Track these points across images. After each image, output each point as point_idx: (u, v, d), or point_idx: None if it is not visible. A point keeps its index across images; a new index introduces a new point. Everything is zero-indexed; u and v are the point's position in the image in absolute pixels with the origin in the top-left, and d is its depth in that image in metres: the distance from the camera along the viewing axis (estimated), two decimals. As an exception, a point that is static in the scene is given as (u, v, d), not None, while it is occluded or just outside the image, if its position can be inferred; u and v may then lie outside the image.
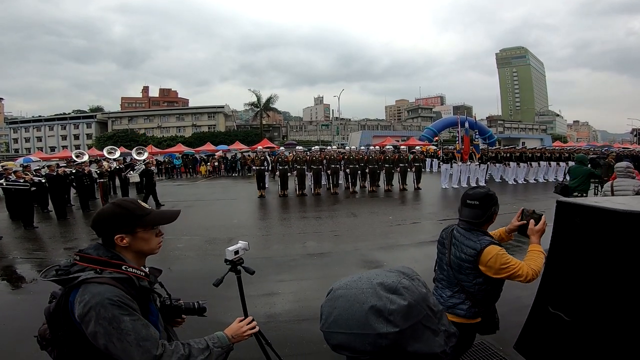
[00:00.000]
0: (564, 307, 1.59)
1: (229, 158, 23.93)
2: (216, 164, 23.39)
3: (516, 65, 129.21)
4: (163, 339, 1.20)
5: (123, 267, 1.21)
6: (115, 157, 15.86)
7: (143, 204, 1.35)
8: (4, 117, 74.08)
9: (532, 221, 1.93)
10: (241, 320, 1.43)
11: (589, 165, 7.38)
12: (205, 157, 25.57)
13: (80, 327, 1.12)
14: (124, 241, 1.25)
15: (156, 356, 1.11)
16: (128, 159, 17.04)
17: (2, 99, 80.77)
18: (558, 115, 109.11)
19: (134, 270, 1.23)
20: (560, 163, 16.01)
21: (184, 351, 1.17)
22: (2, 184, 8.76)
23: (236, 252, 1.82)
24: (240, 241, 1.88)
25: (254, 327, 1.45)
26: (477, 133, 16.02)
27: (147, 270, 1.33)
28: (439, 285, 2.13)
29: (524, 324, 2.02)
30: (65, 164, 13.44)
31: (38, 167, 13.66)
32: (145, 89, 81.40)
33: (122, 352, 1.09)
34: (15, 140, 60.41)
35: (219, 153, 26.05)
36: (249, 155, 21.39)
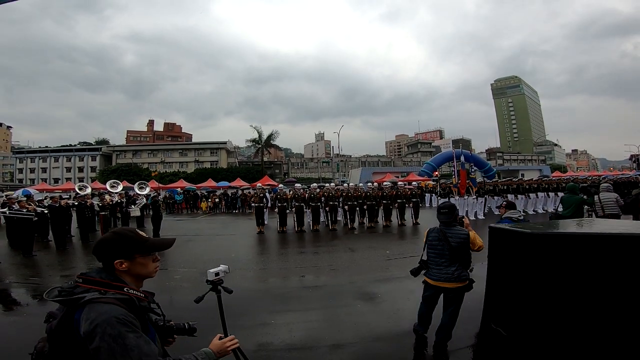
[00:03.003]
0: (503, 322, 1.71)
1: (230, 195, 24.15)
2: (217, 200, 23.58)
3: (511, 95, 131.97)
4: (160, 356, 1.33)
5: (125, 289, 1.34)
6: (117, 191, 16.07)
7: (141, 232, 1.51)
8: (11, 146, 75.51)
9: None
10: (221, 337, 1.59)
11: (582, 194, 7.57)
12: (206, 193, 25.80)
13: (83, 343, 1.22)
14: (123, 266, 1.39)
15: None
16: (130, 193, 17.27)
17: (10, 127, 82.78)
18: (556, 145, 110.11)
19: (134, 292, 1.37)
20: (559, 193, 15.87)
21: None
22: (4, 212, 8.93)
23: (217, 274, 2.05)
24: (221, 264, 2.10)
25: (235, 343, 1.60)
26: (473, 166, 16.26)
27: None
28: (442, 266, 3.27)
29: (475, 341, 2.11)
30: (68, 196, 13.65)
31: (41, 198, 13.87)
32: (151, 123, 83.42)
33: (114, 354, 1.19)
34: (20, 170, 61.14)
35: (220, 192, 26.30)
36: (249, 192, 21.61)
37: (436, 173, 31.92)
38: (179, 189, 27.22)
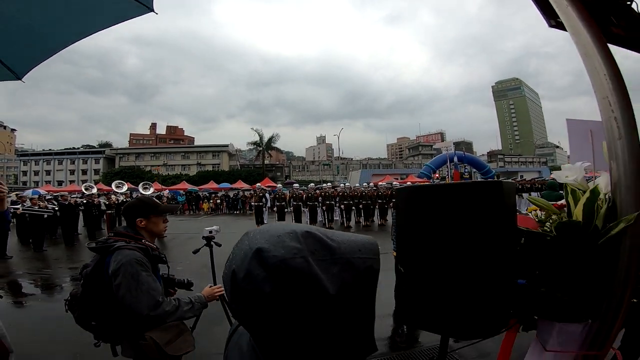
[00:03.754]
0: (402, 262, 1.97)
1: (231, 196, 24.61)
2: (218, 201, 24.05)
3: (512, 97, 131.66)
4: (163, 294, 1.76)
5: (142, 241, 1.82)
6: (122, 191, 16.56)
7: (155, 200, 2.02)
8: (15, 149, 76.36)
9: None
10: (211, 286, 2.04)
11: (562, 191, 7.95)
12: (208, 195, 26.28)
13: (108, 283, 1.66)
14: (142, 223, 1.86)
15: (159, 301, 1.68)
16: (134, 194, 17.74)
17: (14, 130, 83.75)
18: (558, 146, 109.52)
19: (149, 243, 1.84)
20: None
21: (175, 302, 1.75)
22: (18, 209, 9.41)
23: (210, 232, 2.64)
24: (214, 225, 2.61)
25: (221, 291, 2.03)
26: (467, 167, 16.65)
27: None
28: None
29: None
30: (76, 196, 14.13)
31: (50, 197, 14.36)
32: (153, 126, 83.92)
33: (135, 299, 1.62)
34: (25, 173, 61.83)
35: (221, 193, 26.78)
36: (249, 193, 22.11)
37: (436, 175, 32.17)
38: (181, 191, 27.73)
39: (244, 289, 0.51)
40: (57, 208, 10.00)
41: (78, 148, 66.94)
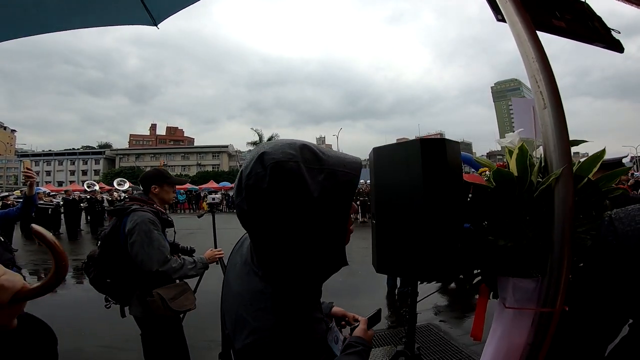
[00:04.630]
0: (375, 214, 2.11)
1: (231, 195, 24.82)
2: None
3: (511, 98, 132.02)
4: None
5: (154, 205, 2.09)
6: (124, 188, 16.81)
7: (168, 172, 2.31)
8: (16, 149, 76.56)
9: None
10: (212, 250, 2.33)
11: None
12: (208, 194, 26.49)
13: (124, 241, 1.90)
14: (156, 190, 2.15)
15: (167, 257, 1.92)
16: (135, 193, 17.97)
17: (14, 130, 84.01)
18: None
19: (159, 208, 2.11)
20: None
21: (180, 260, 2.00)
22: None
23: (213, 199, 3.01)
24: (218, 192, 2.98)
25: (221, 254, 2.31)
26: (465, 166, 16.88)
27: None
28: None
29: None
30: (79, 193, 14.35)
31: (54, 194, 14.60)
32: (153, 127, 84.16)
33: (146, 255, 1.86)
34: (24, 174, 61.90)
35: (222, 192, 27.01)
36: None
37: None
38: (181, 190, 27.97)
39: (247, 184, 0.64)
40: (61, 203, 10.23)
41: (78, 149, 67.16)
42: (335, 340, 0.87)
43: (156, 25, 2.04)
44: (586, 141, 1.40)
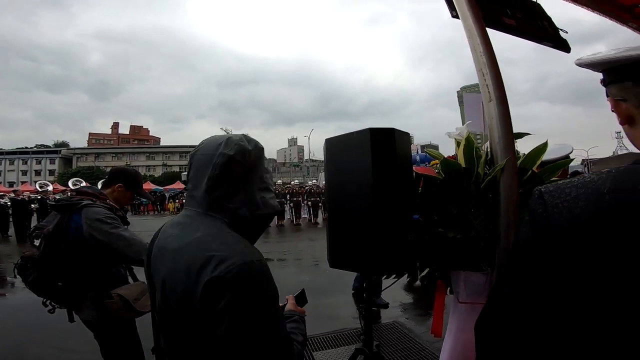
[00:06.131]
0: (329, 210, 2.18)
1: (198, 195, 24.12)
2: (185, 201, 23.52)
3: (463, 93, 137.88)
4: None
5: (107, 201, 1.89)
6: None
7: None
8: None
9: None
10: None
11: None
12: (173, 195, 25.60)
13: (76, 241, 1.70)
14: (120, 189, 1.96)
15: (145, 244, 1.77)
16: (82, 186, 16.99)
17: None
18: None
19: (113, 204, 1.92)
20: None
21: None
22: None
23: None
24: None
25: None
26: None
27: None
28: None
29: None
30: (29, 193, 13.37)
31: (2, 194, 13.53)
32: (116, 125, 79.70)
33: (131, 246, 1.69)
34: (-29, 174, 57.25)
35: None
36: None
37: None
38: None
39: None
40: (9, 204, 9.48)
41: (32, 147, 62.84)
42: None
43: None
44: (529, 134, 1.44)
